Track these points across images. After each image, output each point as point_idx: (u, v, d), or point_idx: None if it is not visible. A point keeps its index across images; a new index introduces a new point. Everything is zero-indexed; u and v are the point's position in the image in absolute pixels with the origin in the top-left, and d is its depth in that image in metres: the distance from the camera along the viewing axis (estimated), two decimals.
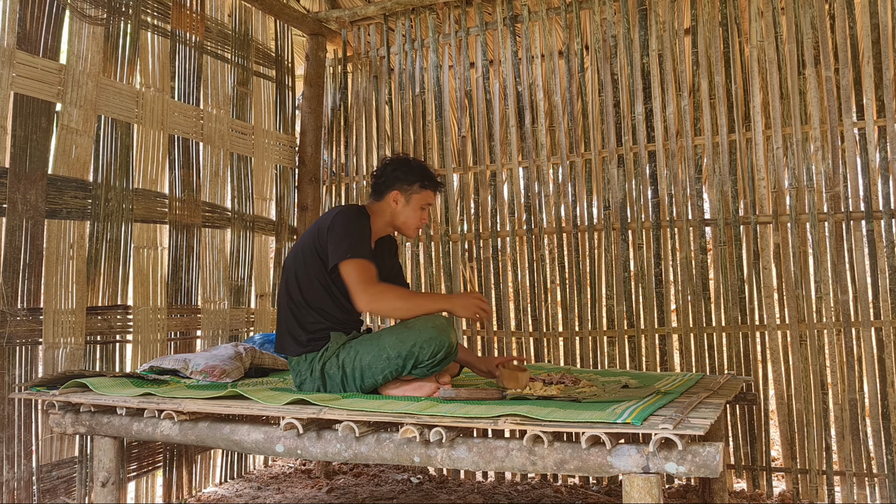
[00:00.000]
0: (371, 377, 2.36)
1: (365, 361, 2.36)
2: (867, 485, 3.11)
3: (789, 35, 3.32)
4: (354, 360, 2.38)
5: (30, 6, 2.63)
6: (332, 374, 2.42)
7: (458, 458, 1.92)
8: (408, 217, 2.62)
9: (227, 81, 3.61)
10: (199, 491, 3.35)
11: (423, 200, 2.62)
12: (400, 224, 2.63)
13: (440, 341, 2.30)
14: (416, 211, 2.62)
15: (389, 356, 2.33)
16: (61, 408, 2.44)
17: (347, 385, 2.41)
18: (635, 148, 3.52)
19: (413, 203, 2.61)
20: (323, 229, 2.47)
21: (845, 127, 3.21)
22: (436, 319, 2.36)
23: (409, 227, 2.64)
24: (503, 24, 3.80)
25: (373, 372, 2.35)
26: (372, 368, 2.35)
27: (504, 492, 3.32)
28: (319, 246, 2.46)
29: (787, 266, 3.27)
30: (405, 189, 2.60)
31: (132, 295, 3.05)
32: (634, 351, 3.46)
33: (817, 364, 3.19)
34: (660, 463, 1.73)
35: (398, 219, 2.62)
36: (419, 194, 2.61)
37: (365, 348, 2.38)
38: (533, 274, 3.67)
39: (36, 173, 2.62)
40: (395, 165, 2.63)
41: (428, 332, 2.31)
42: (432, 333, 2.30)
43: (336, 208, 2.55)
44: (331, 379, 2.43)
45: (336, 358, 2.42)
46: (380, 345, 2.35)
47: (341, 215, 2.47)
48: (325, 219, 2.52)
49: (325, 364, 2.43)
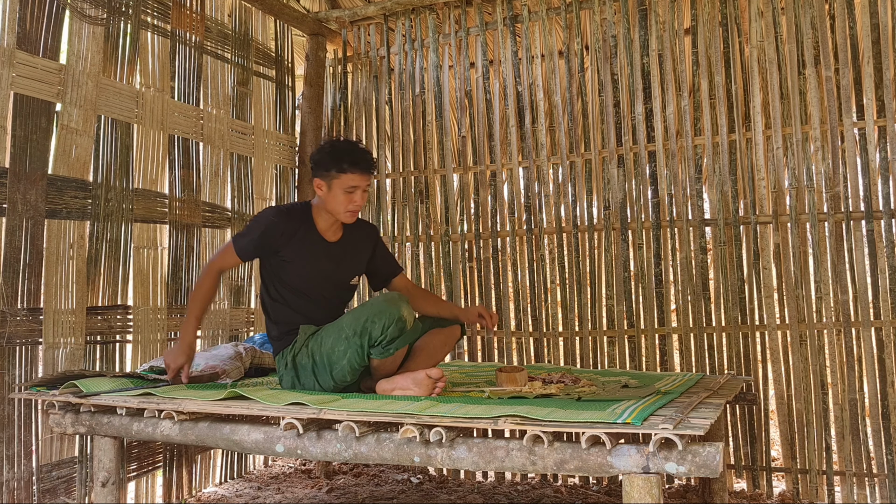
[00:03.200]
0: (338, 363, 2.40)
1: (327, 345, 2.41)
2: (867, 485, 3.11)
3: (789, 35, 3.32)
4: (321, 346, 2.44)
5: (30, 6, 2.63)
6: (303, 364, 2.48)
7: (458, 458, 1.92)
8: (335, 202, 2.51)
9: (227, 81, 3.61)
10: (199, 491, 3.35)
11: (344, 184, 2.47)
12: (331, 210, 2.54)
13: (390, 314, 2.31)
14: (341, 195, 2.49)
15: (347, 335, 2.37)
16: (61, 408, 2.44)
17: (319, 374, 2.45)
18: (635, 148, 3.52)
19: (335, 188, 2.48)
20: None
21: (845, 127, 3.21)
22: (388, 294, 2.40)
23: (338, 212, 2.53)
24: (503, 24, 3.80)
25: (337, 356, 2.39)
26: (335, 352, 2.39)
27: (504, 492, 3.32)
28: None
29: (787, 266, 3.27)
30: (324, 175, 2.49)
31: (132, 295, 3.05)
32: (634, 351, 3.46)
33: (817, 364, 3.19)
34: (660, 463, 1.73)
35: (327, 205, 2.54)
36: (338, 178, 2.47)
37: (327, 332, 2.45)
38: (533, 274, 3.67)
39: (36, 173, 2.62)
40: (316, 152, 2.58)
41: (378, 306, 2.33)
42: (382, 307, 2.33)
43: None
44: (303, 369, 2.48)
45: (306, 348, 2.48)
46: (339, 326, 2.42)
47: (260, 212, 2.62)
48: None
49: (297, 356, 2.50)
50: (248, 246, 2.53)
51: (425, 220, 3.90)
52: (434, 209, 3.94)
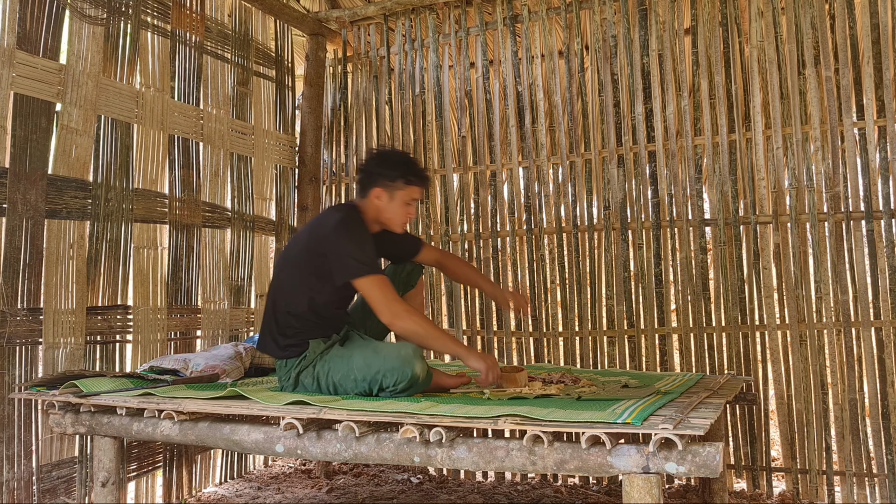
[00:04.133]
0: (343, 394, 2.38)
1: (336, 379, 2.39)
2: (867, 485, 3.11)
3: (789, 35, 3.32)
4: (328, 374, 2.41)
5: (30, 6, 2.63)
6: (306, 384, 2.45)
7: (458, 458, 1.92)
8: (393, 213, 2.54)
9: (227, 81, 3.61)
10: (199, 491, 3.35)
11: (407, 196, 2.53)
12: (386, 219, 2.57)
13: (403, 373, 2.28)
14: (400, 207, 2.54)
15: (356, 378, 2.34)
16: (61, 408, 2.44)
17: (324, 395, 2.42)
18: (635, 148, 3.52)
19: (397, 199, 2.52)
20: (321, 238, 2.43)
21: (845, 127, 3.21)
22: (403, 349, 2.33)
23: (395, 223, 2.57)
24: (503, 24, 3.80)
25: (344, 388, 2.38)
26: (342, 387, 2.38)
27: (504, 492, 3.32)
28: (315, 253, 2.43)
29: (787, 266, 3.27)
30: (388, 185, 2.51)
31: (132, 295, 3.05)
32: (634, 351, 3.46)
33: (817, 364, 3.18)
34: (660, 463, 1.73)
35: (383, 215, 2.56)
36: (403, 190, 2.51)
37: (336, 365, 2.40)
38: (533, 274, 3.67)
39: (36, 173, 2.62)
40: (378, 160, 2.57)
41: (392, 362, 2.29)
42: (396, 364, 2.28)
43: (332, 216, 2.48)
44: (305, 389, 2.46)
45: (312, 368, 2.44)
46: (349, 365, 2.37)
47: (342, 227, 2.41)
48: (321, 226, 2.47)
49: (301, 373, 2.46)
50: (375, 260, 2.46)
51: (425, 220, 3.90)
52: (434, 209, 3.94)
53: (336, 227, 2.41)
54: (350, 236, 2.40)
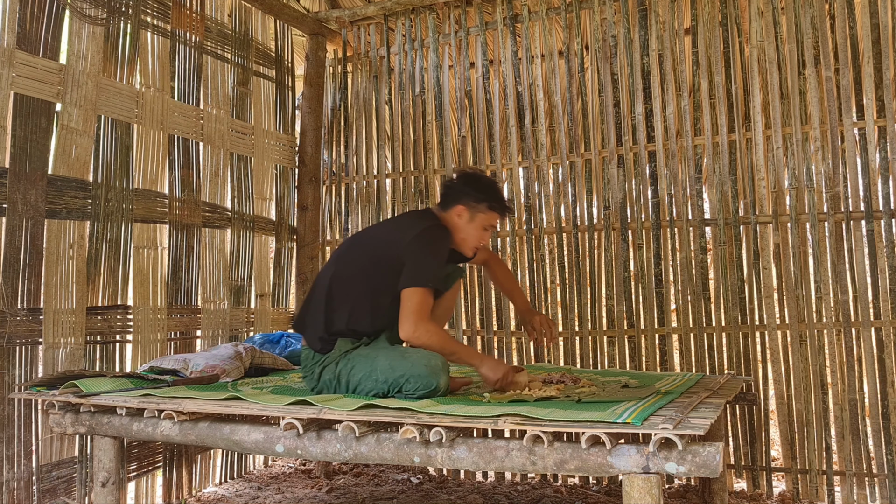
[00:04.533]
0: (363, 393, 2.38)
1: (356, 378, 2.39)
2: (867, 485, 3.11)
3: (789, 35, 3.32)
4: (350, 372, 2.41)
5: (30, 6, 2.63)
6: (326, 381, 2.46)
7: (458, 458, 1.92)
8: (468, 234, 2.58)
9: (227, 81, 3.61)
10: (199, 491, 3.35)
11: (486, 221, 2.57)
12: (459, 239, 2.59)
13: (427, 382, 2.28)
14: (477, 230, 2.57)
15: (378, 379, 2.34)
16: (61, 408, 2.44)
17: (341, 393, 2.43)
18: (635, 148, 3.52)
19: (477, 221, 2.56)
20: (403, 243, 2.43)
21: (845, 127, 3.21)
22: (433, 359, 2.32)
23: (468, 244, 2.60)
24: (503, 24, 3.80)
25: (362, 388, 2.38)
26: (362, 385, 2.38)
27: (504, 492, 3.32)
28: (394, 258, 2.42)
29: (787, 266, 3.27)
30: (472, 206, 2.55)
31: (132, 295, 3.05)
32: (634, 351, 3.46)
33: (817, 364, 3.18)
34: (660, 463, 1.73)
35: (458, 234, 2.58)
36: (485, 214, 2.56)
37: (360, 364, 2.40)
38: (533, 274, 3.67)
39: (36, 173, 2.62)
40: (467, 180, 2.60)
41: (419, 369, 2.29)
42: (423, 372, 2.28)
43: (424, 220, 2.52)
44: (326, 385, 2.46)
45: (335, 365, 2.45)
46: (373, 366, 2.37)
47: (430, 233, 2.45)
48: (409, 227, 2.48)
49: (324, 370, 2.46)
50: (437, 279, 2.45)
51: None
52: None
53: (424, 234, 2.45)
54: (432, 247, 2.45)
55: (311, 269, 4.05)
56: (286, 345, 3.36)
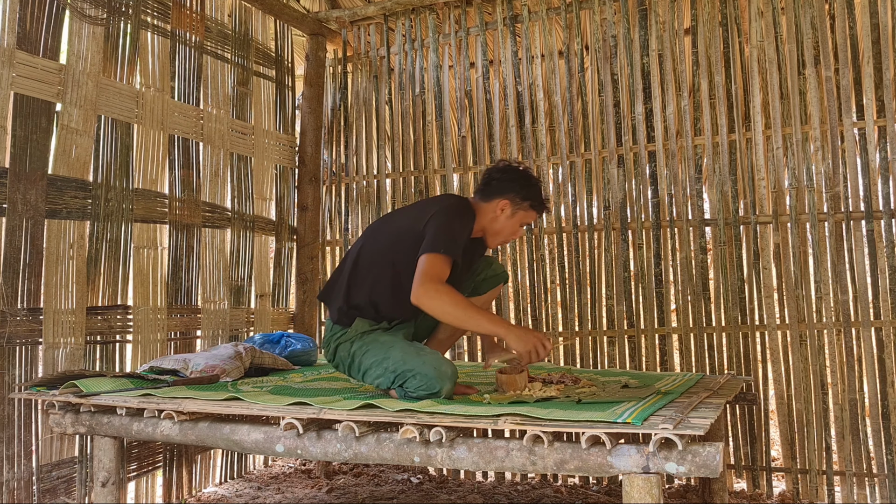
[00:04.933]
0: (370, 378, 2.40)
1: (368, 362, 2.39)
2: (867, 485, 3.11)
3: (789, 35, 3.32)
4: (364, 355, 2.41)
5: (30, 6, 2.63)
6: (342, 358, 2.48)
7: (458, 458, 1.92)
8: (504, 228, 2.55)
9: (227, 81, 3.61)
10: (199, 491, 3.35)
11: (525, 218, 2.56)
12: (493, 231, 2.55)
13: (431, 384, 2.24)
14: (514, 226, 2.55)
15: (388, 368, 2.33)
16: (61, 408, 2.44)
17: (352, 373, 2.47)
18: (635, 148, 3.52)
19: (517, 218, 2.54)
20: (426, 215, 2.39)
21: (845, 127, 3.21)
22: (444, 366, 2.27)
23: (500, 237, 2.58)
24: (503, 24, 3.80)
25: (371, 374, 2.38)
26: (372, 371, 2.38)
27: (504, 492, 3.32)
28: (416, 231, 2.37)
29: (787, 266, 3.27)
30: (517, 202, 2.52)
31: (132, 295, 3.05)
32: (634, 351, 3.46)
33: (817, 364, 3.19)
34: (660, 463, 1.73)
35: (495, 225, 2.54)
36: (526, 212, 2.55)
37: (374, 349, 2.39)
38: (533, 274, 3.67)
39: (36, 173, 2.62)
40: (515, 175, 2.57)
41: (428, 370, 2.24)
42: (430, 373, 2.24)
43: (448, 199, 2.51)
44: (341, 361, 2.49)
45: (350, 344, 2.45)
46: (387, 354, 2.35)
47: (453, 207, 2.43)
48: (433, 204, 2.47)
49: (339, 346, 2.48)
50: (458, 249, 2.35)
51: None
52: None
53: (446, 205, 2.44)
54: (453, 217, 2.39)
55: (311, 269, 4.05)
56: (286, 345, 3.35)
